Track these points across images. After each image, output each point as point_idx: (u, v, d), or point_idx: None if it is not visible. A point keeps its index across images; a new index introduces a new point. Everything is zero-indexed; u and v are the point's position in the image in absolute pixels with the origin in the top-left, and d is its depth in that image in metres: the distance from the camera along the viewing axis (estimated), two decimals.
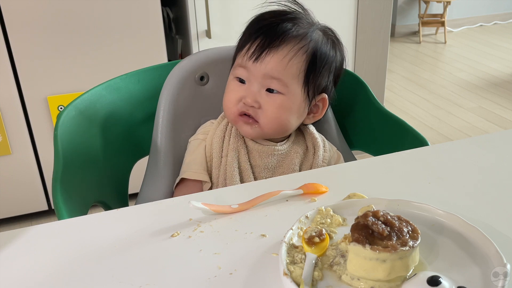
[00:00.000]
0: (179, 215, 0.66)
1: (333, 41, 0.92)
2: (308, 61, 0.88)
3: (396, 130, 1.01)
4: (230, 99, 0.91)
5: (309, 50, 0.88)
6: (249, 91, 0.89)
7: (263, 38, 0.87)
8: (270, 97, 0.88)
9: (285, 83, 0.87)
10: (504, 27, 4.53)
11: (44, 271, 0.57)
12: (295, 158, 0.94)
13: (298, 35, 0.87)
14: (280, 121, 0.89)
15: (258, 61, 0.87)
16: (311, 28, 0.89)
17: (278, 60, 0.86)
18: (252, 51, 0.87)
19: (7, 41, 1.64)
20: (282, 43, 0.86)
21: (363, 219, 0.53)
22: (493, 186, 0.71)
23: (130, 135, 1.05)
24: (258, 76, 0.87)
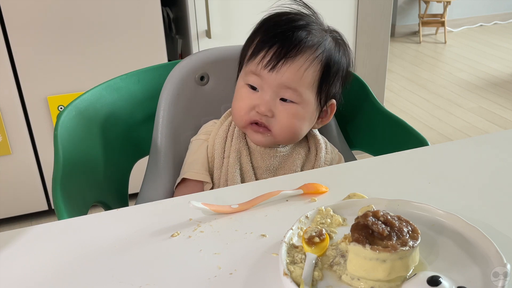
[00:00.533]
0: (179, 215, 0.66)
1: (342, 47, 0.93)
2: (322, 71, 0.88)
3: (396, 130, 1.01)
4: (242, 106, 0.90)
5: (323, 59, 0.88)
6: (262, 99, 0.88)
7: (279, 46, 0.85)
8: (284, 106, 0.88)
9: (300, 93, 0.87)
10: (504, 27, 4.53)
11: (44, 271, 0.57)
12: (297, 159, 0.94)
13: (314, 45, 0.87)
14: (293, 130, 0.89)
15: (274, 70, 0.86)
16: (324, 36, 0.89)
17: (294, 70, 0.86)
18: (268, 59, 0.86)
19: (7, 41, 1.64)
20: (299, 53, 0.86)
21: (363, 219, 0.53)
22: (493, 186, 0.71)
23: (130, 135, 1.05)
24: (273, 85, 0.86)
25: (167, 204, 0.70)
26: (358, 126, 1.09)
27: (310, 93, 0.88)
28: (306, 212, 0.61)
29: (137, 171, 1.08)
